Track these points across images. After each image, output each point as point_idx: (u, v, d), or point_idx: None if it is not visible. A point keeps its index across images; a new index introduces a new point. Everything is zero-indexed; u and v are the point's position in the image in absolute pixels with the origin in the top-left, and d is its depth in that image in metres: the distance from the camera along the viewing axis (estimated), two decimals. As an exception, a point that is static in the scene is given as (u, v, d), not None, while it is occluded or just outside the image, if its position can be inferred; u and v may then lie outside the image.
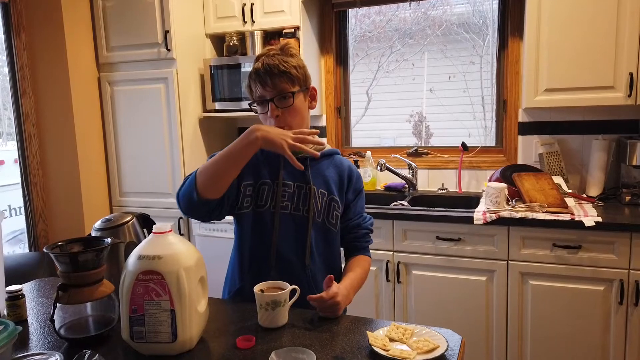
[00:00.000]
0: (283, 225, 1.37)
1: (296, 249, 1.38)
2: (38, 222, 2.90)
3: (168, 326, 1.07)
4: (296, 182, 1.39)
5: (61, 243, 1.17)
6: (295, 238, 1.38)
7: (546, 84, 2.41)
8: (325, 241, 1.42)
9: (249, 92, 1.39)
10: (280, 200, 1.37)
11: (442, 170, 2.98)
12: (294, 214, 1.38)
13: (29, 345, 1.19)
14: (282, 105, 1.33)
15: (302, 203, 1.38)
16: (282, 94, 1.32)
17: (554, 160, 2.67)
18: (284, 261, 1.38)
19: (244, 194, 1.38)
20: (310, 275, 1.40)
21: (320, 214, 1.39)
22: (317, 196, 1.38)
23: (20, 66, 2.77)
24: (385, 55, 3.19)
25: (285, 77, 1.32)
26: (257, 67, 1.33)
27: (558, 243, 2.20)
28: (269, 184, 1.38)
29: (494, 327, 2.34)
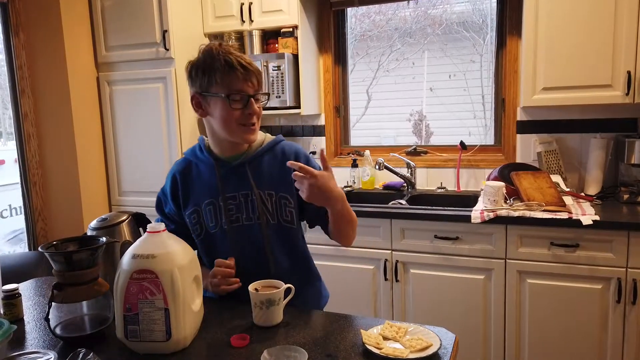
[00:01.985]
0: (239, 239, 1.33)
1: (258, 259, 1.35)
2: (37, 222, 2.91)
3: (162, 325, 1.07)
4: (240, 192, 1.33)
5: (56, 242, 1.18)
6: (254, 249, 1.34)
7: (544, 82, 2.41)
8: (287, 241, 1.37)
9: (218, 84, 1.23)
10: (228, 215, 1.32)
11: (440, 169, 2.98)
12: (246, 224, 1.33)
13: (25, 344, 1.20)
14: (259, 105, 1.29)
15: (252, 211, 1.32)
16: (260, 92, 1.28)
17: (552, 158, 2.67)
18: (248, 274, 1.30)
19: (191, 223, 1.36)
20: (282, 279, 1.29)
21: (274, 216, 1.33)
22: (264, 199, 1.32)
23: (19, 66, 2.77)
24: (385, 54, 3.19)
25: (260, 77, 1.28)
26: (236, 59, 1.22)
27: (556, 242, 2.19)
28: (212, 202, 1.33)
29: (492, 325, 2.35)
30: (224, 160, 1.33)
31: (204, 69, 1.24)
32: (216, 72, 1.23)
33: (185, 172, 1.37)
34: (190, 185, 1.35)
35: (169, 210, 1.41)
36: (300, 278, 1.40)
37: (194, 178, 1.35)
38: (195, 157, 1.37)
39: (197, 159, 1.37)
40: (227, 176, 1.32)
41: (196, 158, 1.37)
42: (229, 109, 1.24)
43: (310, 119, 3.22)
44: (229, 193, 1.32)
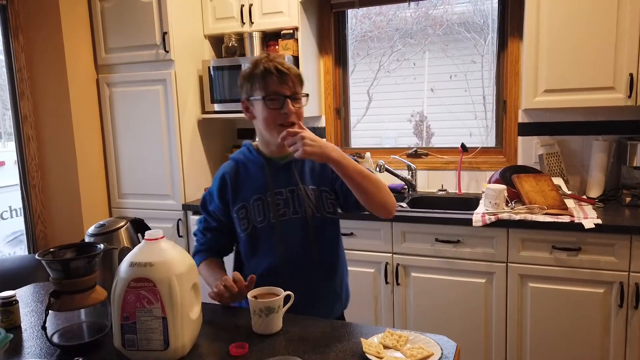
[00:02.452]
0: (285, 232, 1.41)
1: (303, 250, 1.42)
2: (37, 224, 2.90)
3: (160, 334, 1.06)
4: (287, 188, 1.42)
5: (53, 249, 1.17)
6: (299, 240, 1.42)
7: (545, 84, 2.39)
8: (330, 232, 1.46)
9: (257, 88, 1.36)
10: (276, 209, 1.40)
11: (441, 171, 2.96)
12: (293, 218, 1.41)
13: (22, 352, 1.18)
14: (296, 105, 1.37)
15: (298, 205, 1.41)
16: (296, 94, 1.37)
17: (554, 161, 2.66)
18: (298, 265, 1.42)
19: (239, 219, 1.44)
20: (324, 269, 1.45)
21: (318, 209, 1.43)
22: (309, 194, 1.42)
23: (19, 68, 2.77)
24: (386, 55, 3.18)
25: (298, 80, 1.37)
26: (273, 66, 1.34)
27: (557, 245, 2.18)
28: (261, 198, 1.42)
29: (493, 329, 2.33)
30: (272, 160, 1.43)
31: (248, 77, 1.38)
32: (257, 78, 1.35)
33: (234, 172, 1.46)
34: (239, 183, 1.44)
35: (213, 208, 1.49)
36: (341, 269, 1.51)
37: (242, 177, 1.44)
38: (245, 158, 1.47)
39: (247, 159, 1.47)
40: (275, 174, 1.42)
41: (245, 159, 1.47)
42: (267, 110, 1.35)
43: (310, 121, 3.20)
44: (277, 189, 1.41)
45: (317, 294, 1.45)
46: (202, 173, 3.11)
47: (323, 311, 1.42)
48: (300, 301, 1.35)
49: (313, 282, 1.43)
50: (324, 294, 1.46)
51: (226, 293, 1.28)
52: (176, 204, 2.94)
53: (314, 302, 1.43)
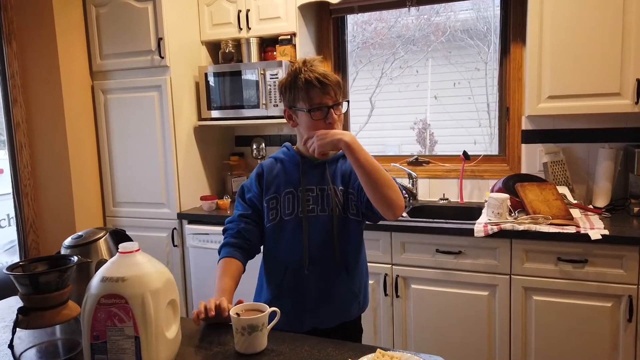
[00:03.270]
0: (311, 228, 1.44)
1: (326, 248, 1.44)
2: (29, 233, 2.84)
3: (132, 354, 0.99)
4: (318, 186, 1.46)
5: (23, 262, 1.10)
6: (323, 237, 1.44)
7: (549, 90, 2.32)
8: (352, 233, 1.48)
9: (299, 99, 1.40)
10: (305, 205, 1.44)
11: (443, 179, 2.88)
12: (320, 215, 1.45)
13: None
14: (338, 112, 1.42)
15: (327, 203, 1.45)
16: (338, 102, 1.41)
17: (558, 169, 2.57)
18: (318, 262, 1.44)
19: (268, 208, 1.48)
20: (344, 269, 1.46)
21: (344, 209, 1.46)
22: (338, 193, 1.45)
23: (11, 74, 2.72)
24: (388, 62, 3.12)
25: (338, 87, 1.41)
26: (314, 77, 1.37)
27: (563, 257, 2.09)
28: (292, 192, 1.47)
29: (497, 343, 2.24)
30: (308, 158, 1.49)
31: (289, 87, 1.42)
32: (299, 90, 1.39)
33: (271, 167, 1.53)
34: (274, 176, 1.51)
35: (250, 196, 1.52)
36: (360, 271, 1.53)
37: (278, 171, 1.51)
38: (283, 156, 1.53)
39: (285, 157, 1.52)
40: (308, 171, 1.48)
41: (283, 156, 1.53)
42: (312, 121, 1.39)
43: (309, 128, 3.14)
44: (308, 186, 1.46)
45: (335, 292, 1.46)
46: (198, 181, 3.05)
47: (339, 311, 1.47)
48: (317, 298, 1.44)
49: (332, 280, 1.45)
50: (342, 294, 1.47)
51: (201, 315, 1.24)
52: (171, 213, 2.88)
53: (330, 301, 1.46)
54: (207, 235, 2.76)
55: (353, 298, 1.49)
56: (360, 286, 1.52)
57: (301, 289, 1.45)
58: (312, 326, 1.45)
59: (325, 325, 1.45)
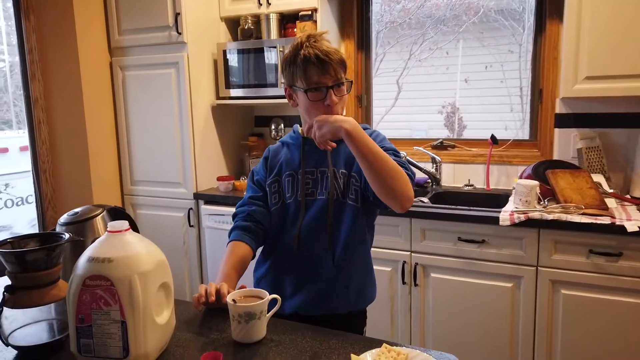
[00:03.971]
0: (310, 212, 1.38)
1: (318, 233, 1.37)
2: (47, 210, 2.85)
3: (118, 340, 0.93)
4: (319, 168, 1.40)
5: (12, 239, 1.05)
6: (320, 222, 1.37)
7: (587, 71, 2.15)
8: (351, 217, 1.37)
9: (297, 78, 1.31)
10: (304, 187, 1.38)
11: (469, 165, 2.74)
12: (319, 199, 1.38)
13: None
14: (339, 94, 1.31)
15: (325, 187, 1.38)
16: (340, 82, 1.30)
17: (594, 156, 2.40)
18: (307, 244, 1.38)
19: (270, 192, 1.44)
20: (332, 256, 1.37)
21: (343, 194, 1.37)
22: (338, 177, 1.37)
23: (29, 49, 2.70)
24: (417, 43, 2.98)
25: (341, 66, 1.31)
26: (313, 53, 1.27)
27: (595, 249, 1.95)
28: (292, 175, 1.42)
29: (519, 338, 2.12)
30: (311, 140, 1.37)
31: (289, 64, 1.33)
32: (297, 67, 1.30)
33: (276, 150, 1.49)
34: (277, 159, 1.46)
35: (258, 179, 1.49)
36: (353, 263, 1.40)
37: (282, 154, 1.46)
38: (289, 139, 1.48)
39: (290, 140, 1.47)
40: (309, 153, 1.41)
41: (290, 139, 1.48)
42: (309, 102, 1.30)
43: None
44: (308, 168, 1.40)
45: (317, 278, 1.37)
46: (215, 162, 2.99)
47: (319, 299, 1.37)
48: (299, 282, 1.37)
49: (317, 265, 1.37)
50: (324, 281, 1.37)
51: (202, 299, 1.17)
52: (187, 193, 2.83)
53: (311, 286, 1.37)
54: (223, 216, 2.71)
55: (338, 290, 1.37)
56: (350, 280, 1.39)
57: (286, 270, 1.39)
58: (292, 310, 1.36)
59: (305, 311, 1.34)
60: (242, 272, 1.36)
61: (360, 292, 1.43)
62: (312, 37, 1.31)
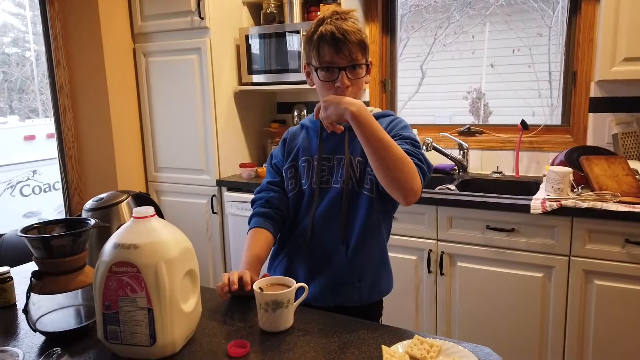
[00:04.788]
0: (323, 200, 1.33)
1: (331, 222, 1.33)
2: (73, 196, 2.88)
3: (145, 327, 0.91)
4: (335, 155, 1.34)
5: (38, 224, 1.04)
6: (331, 211, 1.33)
7: (625, 52, 2.05)
8: (365, 208, 1.32)
9: (312, 56, 1.26)
10: (319, 174, 1.34)
11: (497, 151, 2.67)
12: (334, 187, 1.33)
13: (15, 332, 1.09)
14: (353, 76, 1.25)
15: (341, 175, 1.33)
16: (354, 64, 1.24)
17: (631, 142, 2.31)
18: (320, 234, 1.33)
19: (287, 177, 1.40)
20: (345, 247, 1.31)
21: (359, 183, 1.32)
22: (354, 165, 1.32)
23: (54, 36, 2.71)
24: (442, 27, 2.89)
25: (359, 47, 1.23)
26: (330, 30, 1.21)
27: (632, 239, 1.87)
28: (308, 160, 1.37)
29: (549, 330, 2.07)
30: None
31: (307, 41, 1.28)
32: (313, 44, 1.25)
33: (295, 133, 1.44)
34: (294, 143, 1.41)
35: (276, 162, 1.45)
36: (368, 257, 1.35)
37: (300, 138, 1.41)
38: (308, 122, 1.43)
39: (310, 123, 1.43)
40: (328, 138, 1.35)
41: (309, 123, 1.43)
42: (320, 82, 1.27)
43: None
44: (325, 154, 1.35)
45: (329, 269, 1.31)
46: (238, 148, 2.98)
47: (331, 290, 1.31)
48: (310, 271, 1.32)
49: (329, 255, 1.32)
50: (336, 272, 1.31)
51: (225, 288, 1.15)
52: (210, 180, 2.83)
53: (323, 277, 1.32)
54: (246, 203, 2.69)
55: (351, 283, 1.32)
56: (364, 272, 1.34)
57: (298, 259, 1.35)
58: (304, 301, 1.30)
59: (317, 302, 1.28)
60: (265, 259, 1.33)
61: (374, 284, 1.37)
62: (336, 14, 1.24)
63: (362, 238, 1.32)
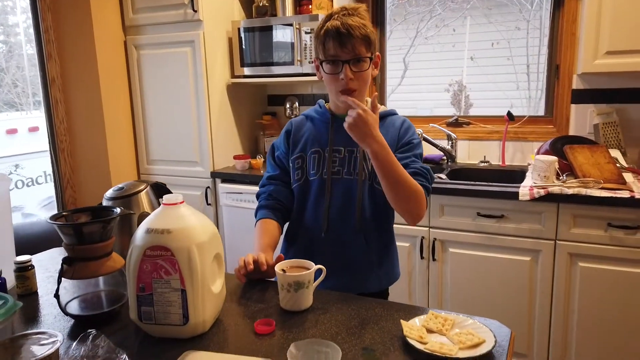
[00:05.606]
0: (335, 191, 1.37)
1: (347, 214, 1.37)
2: (66, 189, 2.87)
3: (179, 307, 0.96)
4: (347, 147, 1.38)
5: (66, 212, 1.08)
6: (346, 202, 1.37)
7: (608, 45, 2.16)
8: (375, 203, 1.39)
9: (319, 50, 1.31)
10: (331, 166, 1.37)
11: (484, 141, 2.77)
12: (345, 178, 1.37)
13: (38, 320, 1.12)
14: (357, 70, 1.29)
15: (353, 167, 1.37)
16: (358, 57, 1.28)
17: (610, 131, 2.43)
18: (336, 226, 1.38)
19: (293, 168, 1.42)
20: (362, 237, 1.38)
21: (371, 176, 1.37)
22: (367, 158, 1.36)
23: (45, 29, 2.69)
24: (424, 21, 2.96)
25: (363, 41, 1.27)
26: (335, 25, 1.25)
27: (614, 223, 1.99)
28: (319, 152, 1.40)
29: (537, 311, 2.18)
30: (339, 117, 1.40)
31: (316, 36, 1.32)
32: (319, 39, 1.29)
33: (300, 124, 1.47)
34: (301, 134, 1.44)
35: (278, 154, 1.48)
36: (382, 243, 1.43)
37: (306, 129, 1.44)
38: (314, 113, 1.46)
39: (316, 114, 1.45)
40: (338, 131, 1.37)
41: (314, 114, 1.46)
42: (326, 74, 1.31)
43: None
44: (336, 146, 1.38)
45: (349, 260, 1.39)
46: (231, 140, 3.01)
47: (353, 280, 1.38)
48: (330, 264, 1.31)
49: (348, 247, 1.38)
50: (357, 263, 1.39)
51: (242, 270, 1.21)
52: (204, 172, 2.86)
53: (344, 268, 1.38)
54: (240, 194, 2.74)
55: (370, 270, 1.40)
56: (381, 260, 1.42)
57: (316, 253, 1.37)
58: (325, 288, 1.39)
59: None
60: (275, 246, 1.38)
61: (388, 271, 1.45)
62: (344, 9, 1.29)
63: (377, 227, 1.39)
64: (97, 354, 0.91)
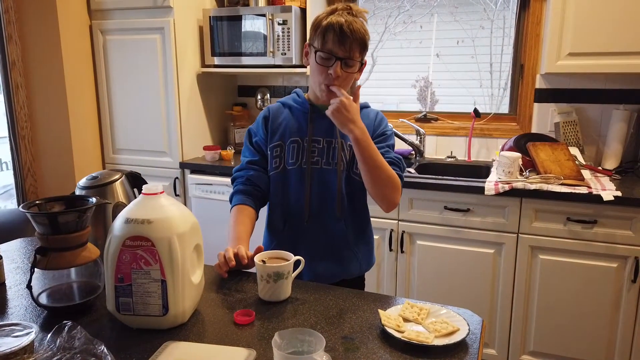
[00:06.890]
0: (313, 181, 1.41)
1: (327, 202, 1.41)
2: (26, 177, 2.77)
3: (158, 298, 0.96)
4: (325, 138, 1.41)
5: (39, 201, 1.05)
6: (325, 191, 1.41)
7: (570, 47, 2.25)
8: (352, 192, 1.44)
9: (317, 39, 1.32)
10: (310, 156, 1.40)
11: (451, 137, 2.84)
12: (324, 169, 1.41)
13: (6, 312, 1.08)
14: (346, 70, 1.32)
15: (332, 157, 1.41)
16: (351, 58, 1.32)
17: (570, 130, 2.54)
18: (318, 214, 1.41)
19: (272, 156, 1.44)
20: (343, 223, 1.42)
21: (349, 166, 1.42)
22: (345, 149, 1.40)
23: (5, 9, 2.57)
24: (392, 16, 3.00)
25: (359, 45, 1.32)
26: (340, 22, 1.29)
27: (573, 217, 2.09)
28: (297, 141, 1.42)
29: (499, 301, 2.27)
30: (318, 107, 1.42)
31: (316, 25, 1.34)
32: (320, 29, 1.32)
33: (277, 112, 1.47)
34: (279, 122, 1.45)
35: (257, 140, 1.48)
36: (362, 231, 1.49)
37: (284, 117, 1.45)
38: (292, 102, 1.47)
39: (294, 103, 1.46)
40: (317, 121, 1.42)
41: (292, 102, 1.47)
42: (315, 63, 1.33)
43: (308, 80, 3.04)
44: (315, 136, 1.41)
45: (333, 248, 1.43)
46: (200, 130, 2.97)
47: (336, 267, 1.44)
48: (314, 252, 1.40)
49: (331, 235, 1.42)
50: (340, 250, 1.44)
51: (224, 267, 1.22)
52: (173, 162, 2.81)
53: (328, 256, 1.43)
54: (210, 185, 2.71)
55: (352, 256, 1.46)
56: (360, 246, 1.48)
57: (300, 242, 1.42)
58: (309, 279, 1.41)
59: (323, 280, 1.38)
60: (250, 233, 1.39)
61: (366, 255, 1.51)
62: (350, 8, 1.33)
63: (356, 214, 1.45)
64: (74, 346, 0.89)
